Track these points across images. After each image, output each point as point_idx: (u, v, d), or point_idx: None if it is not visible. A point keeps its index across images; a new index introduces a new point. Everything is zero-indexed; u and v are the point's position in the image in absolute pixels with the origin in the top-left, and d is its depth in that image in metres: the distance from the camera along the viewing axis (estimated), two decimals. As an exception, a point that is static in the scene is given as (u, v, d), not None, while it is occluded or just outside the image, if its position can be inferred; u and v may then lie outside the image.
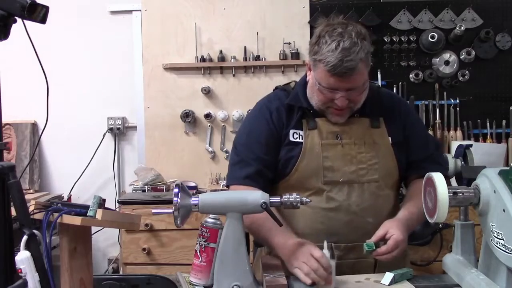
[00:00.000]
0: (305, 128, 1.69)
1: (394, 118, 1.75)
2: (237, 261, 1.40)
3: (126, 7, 3.53)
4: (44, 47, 1.66)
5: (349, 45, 1.52)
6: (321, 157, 1.66)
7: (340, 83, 1.57)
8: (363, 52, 1.54)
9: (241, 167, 1.71)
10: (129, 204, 3.02)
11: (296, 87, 1.77)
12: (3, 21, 1.22)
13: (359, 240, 1.60)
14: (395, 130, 1.73)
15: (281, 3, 3.45)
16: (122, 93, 3.57)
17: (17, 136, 3.53)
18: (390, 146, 1.71)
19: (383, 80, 3.38)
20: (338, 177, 1.66)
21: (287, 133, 1.70)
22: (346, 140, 1.68)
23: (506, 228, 1.23)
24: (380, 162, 1.68)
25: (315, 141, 1.68)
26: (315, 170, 1.66)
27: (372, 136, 1.70)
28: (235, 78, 3.47)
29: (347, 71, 1.53)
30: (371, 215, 1.66)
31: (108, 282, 1.59)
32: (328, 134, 1.69)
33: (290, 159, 1.68)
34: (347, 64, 1.52)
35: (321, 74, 1.58)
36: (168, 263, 2.97)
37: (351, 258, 1.64)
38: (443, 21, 3.41)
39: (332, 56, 1.52)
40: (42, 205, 1.39)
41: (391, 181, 1.72)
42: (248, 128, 1.78)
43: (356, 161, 1.67)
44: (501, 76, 3.43)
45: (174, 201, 1.38)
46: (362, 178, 1.67)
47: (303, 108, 1.71)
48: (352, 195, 1.66)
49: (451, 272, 1.53)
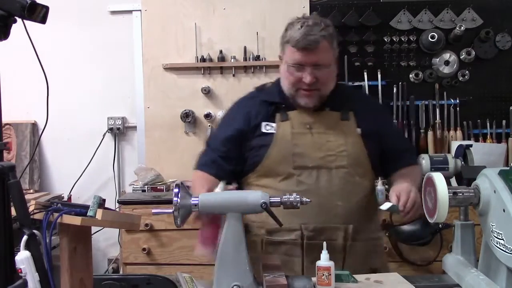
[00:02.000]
0: (278, 120, 1.81)
1: (364, 112, 1.86)
2: (237, 261, 1.40)
3: (126, 7, 3.52)
4: (44, 47, 1.66)
5: (312, 24, 1.71)
6: (291, 144, 1.77)
7: (305, 57, 1.71)
8: (325, 32, 1.71)
9: (202, 156, 1.90)
10: (129, 204, 3.02)
11: (271, 85, 1.93)
12: (3, 21, 1.22)
13: (328, 223, 1.73)
14: (364, 122, 1.83)
15: (281, 3, 3.45)
16: (122, 93, 3.57)
17: (17, 136, 3.53)
18: (359, 136, 1.81)
19: (383, 80, 3.38)
20: (308, 162, 1.76)
21: (258, 126, 1.81)
22: (316, 129, 1.80)
23: (506, 228, 1.23)
24: (349, 150, 1.78)
25: (286, 130, 1.79)
26: (286, 156, 1.76)
27: (341, 127, 1.82)
28: (235, 78, 3.47)
29: (310, 43, 1.69)
30: (340, 199, 1.76)
31: (108, 282, 1.59)
32: (300, 124, 1.80)
33: (262, 147, 1.79)
34: (310, 37, 1.68)
35: (289, 53, 1.74)
36: (168, 263, 2.97)
37: (320, 239, 1.71)
38: (443, 21, 3.41)
39: (297, 33, 1.70)
40: (42, 205, 1.39)
41: (361, 169, 1.81)
42: (220, 123, 2.03)
43: (325, 148, 1.78)
44: (501, 76, 3.43)
45: (174, 201, 1.38)
46: (330, 164, 1.76)
47: (276, 103, 1.84)
48: (321, 180, 1.75)
49: (451, 272, 1.53)
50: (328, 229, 1.73)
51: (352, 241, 1.75)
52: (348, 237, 1.75)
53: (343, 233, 1.74)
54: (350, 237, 1.75)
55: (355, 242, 1.75)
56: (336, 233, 1.74)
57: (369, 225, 1.82)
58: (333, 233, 1.73)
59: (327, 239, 1.69)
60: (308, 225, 1.73)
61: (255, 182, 1.81)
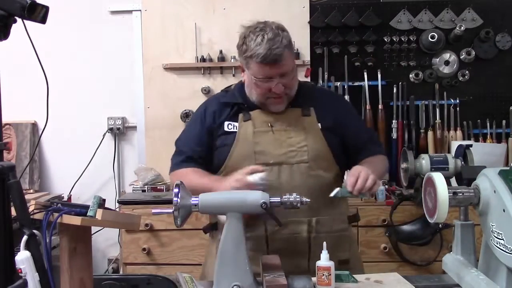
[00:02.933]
0: (240, 120, 1.85)
1: (325, 107, 1.89)
2: (237, 261, 1.40)
3: (126, 7, 3.53)
4: (44, 47, 1.66)
5: (273, 35, 1.71)
6: (253, 143, 1.81)
7: (272, 70, 1.73)
8: (285, 40, 1.74)
9: (176, 156, 1.92)
10: (129, 204, 3.02)
11: (234, 87, 1.97)
12: (3, 21, 1.22)
13: (291, 216, 1.75)
14: (324, 117, 1.86)
15: (281, 3, 3.45)
16: (122, 93, 3.57)
17: (17, 136, 3.53)
18: (319, 131, 1.84)
19: (383, 80, 3.38)
20: (269, 159, 1.79)
21: (221, 125, 1.86)
22: (277, 127, 1.83)
23: (506, 228, 1.23)
24: (309, 145, 1.81)
25: (248, 130, 1.83)
26: (248, 155, 1.80)
27: (302, 123, 1.85)
28: (235, 78, 3.47)
29: (277, 57, 1.70)
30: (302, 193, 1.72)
31: (108, 282, 1.59)
32: (262, 123, 1.84)
33: (224, 146, 1.83)
34: (275, 51, 1.70)
35: (255, 67, 1.75)
36: (168, 263, 2.97)
37: (285, 233, 1.77)
38: (443, 21, 3.41)
39: (261, 48, 1.70)
40: (42, 205, 1.39)
41: (323, 163, 1.83)
42: (186, 126, 2.05)
43: (286, 144, 1.81)
44: (501, 76, 3.43)
45: (174, 201, 1.39)
46: (291, 159, 1.80)
47: (239, 104, 1.87)
48: (282, 175, 1.78)
49: (451, 272, 1.53)
50: (291, 222, 1.76)
51: (316, 233, 1.78)
52: (312, 230, 1.78)
53: (306, 226, 1.78)
54: (314, 230, 1.78)
55: (319, 234, 1.77)
56: (300, 227, 1.78)
57: (333, 217, 1.84)
58: (296, 226, 1.77)
59: (291, 232, 1.77)
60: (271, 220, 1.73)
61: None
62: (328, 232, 1.79)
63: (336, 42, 3.40)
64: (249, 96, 1.86)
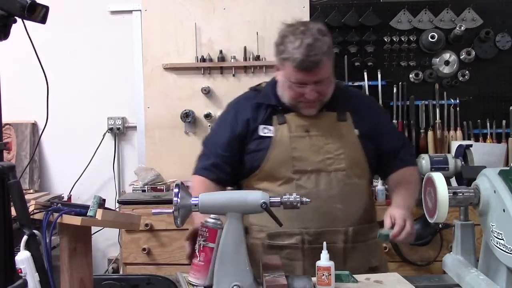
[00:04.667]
0: (275, 123, 1.79)
1: (361, 112, 1.84)
2: (237, 261, 1.40)
3: (126, 7, 3.53)
4: (44, 47, 1.66)
5: (312, 41, 1.64)
6: (290, 148, 1.75)
7: (308, 77, 1.67)
8: (325, 46, 1.66)
9: (202, 159, 1.87)
10: (129, 204, 3.02)
11: (266, 87, 1.89)
12: (3, 21, 1.22)
13: (328, 226, 1.72)
14: (361, 123, 1.81)
15: (281, 3, 3.44)
16: (122, 93, 3.57)
17: (17, 136, 3.53)
18: (356, 138, 1.79)
19: (383, 80, 3.38)
20: (307, 166, 1.74)
21: (255, 129, 1.79)
22: (314, 132, 1.78)
23: (506, 228, 1.23)
24: (347, 152, 1.77)
25: (284, 134, 1.77)
26: (285, 160, 1.75)
27: (339, 128, 1.80)
28: (235, 78, 3.47)
29: (313, 64, 1.64)
30: (339, 202, 1.75)
31: (108, 282, 1.59)
32: (297, 127, 1.78)
33: (259, 151, 1.77)
34: (312, 58, 1.63)
35: (289, 71, 1.68)
36: (168, 263, 2.97)
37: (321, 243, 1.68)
38: (443, 21, 3.41)
39: (298, 53, 1.64)
40: (42, 205, 1.39)
41: (359, 170, 1.80)
42: (216, 126, 1.96)
43: (323, 151, 1.76)
44: (501, 76, 3.43)
45: (174, 201, 1.38)
46: (329, 167, 1.75)
47: (273, 105, 1.81)
48: (320, 183, 1.74)
49: (451, 272, 1.53)
50: (328, 232, 1.72)
51: (352, 243, 1.75)
52: (348, 239, 1.74)
53: (343, 236, 1.74)
54: (350, 240, 1.74)
55: (355, 244, 1.75)
56: (336, 236, 1.73)
57: (368, 225, 1.81)
58: (333, 236, 1.72)
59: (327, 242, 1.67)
60: (308, 230, 1.72)
61: (255, 185, 1.80)
62: (364, 241, 1.77)
63: (336, 42, 3.39)
64: (280, 96, 1.79)
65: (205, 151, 1.88)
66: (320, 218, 1.73)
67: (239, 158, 1.81)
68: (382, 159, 1.85)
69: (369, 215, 1.84)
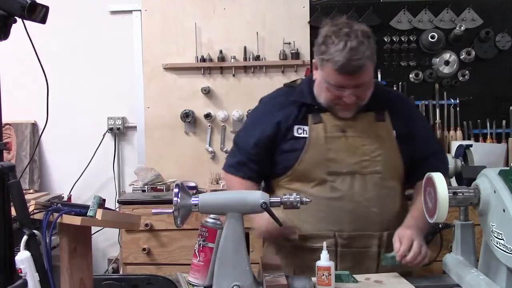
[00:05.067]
0: (310, 123, 1.73)
1: (398, 112, 1.78)
2: (237, 261, 1.40)
3: (126, 7, 3.52)
4: (44, 47, 1.66)
5: (356, 44, 1.57)
6: (325, 149, 1.70)
7: (348, 81, 1.61)
8: (369, 50, 1.60)
9: (231, 156, 1.86)
10: (129, 204, 3.02)
11: (302, 84, 1.82)
12: (3, 21, 1.22)
13: (362, 230, 1.68)
14: (399, 124, 1.76)
15: (281, 3, 3.44)
16: (122, 93, 3.57)
17: (17, 136, 3.53)
18: (394, 139, 1.74)
19: (383, 80, 3.38)
20: (342, 168, 1.69)
21: (290, 128, 1.74)
22: (350, 133, 1.72)
23: (506, 228, 1.23)
24: (384, 154, 1.72)
25: (319, 134, 1.72)
26: (319, 161, 1.70)
27: (376, 129, 1.74)
28: (235, 78, 3.47)
29: (355, 69, 1.58)
30: (375, 205, 1.70)
31: (108, 282, 1.59)
32: (333, 127, 1.73)
33: (294, 151, 1.72)
34: (355, 63, 1.57)
35: (329, 72, 1.62)
36: (168, 263, 2.97)
37: (354, 247, 1.67)
38: (443, 21, 3.41)
39: (340, 56, 1.57)
40: (42, 205, 1.39)
41: (395, 173, 1.75)
42: (249, 122, 1.91)
43: (359, 152, 1.71)
44: (501, 76, 3.43)
45: (174, 201, 1.38)
46: (365, 169, 1.70)
47: (308, 104, 1.75)
48: (355, 186, 1.69)
49: (451, 272, 1.53)
50: (363, 236, 1.68)
51: (386, 247, 1.69)
52: (382, 244, 1.69)
53: (377, 241, 1.69)
54: (384, 244, 1.69)
55: (389, 248, 1.67)
56: (371, 241, 1.69)
57: None
58: (367, 240, 1.69)
59: (361, 246, 1.67)
60: (342, 233, 1.68)
61: (286, 185, 1.76)
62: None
63: (336, 42, 3.39)
64: (316, 96, 1.73)
65: (234, 148, 1.87)
66: (354, 221, 1.68)
67: (268, 158, 1.78)
68: (412, 163, 1.78)
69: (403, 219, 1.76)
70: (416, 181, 1.80)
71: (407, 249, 1.55)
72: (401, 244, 1.57)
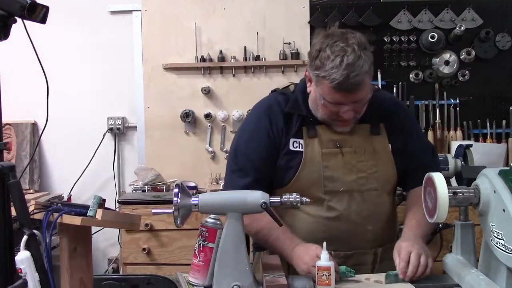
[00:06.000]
0: (305, 136, 1.68)
1: (394, 122, 1.74)
2: (237, 261, 1.40)
3: (126, 7, 3.52)
4: (44, 47, 1.66)
5: (353, 59, 1.50)
6: (322, 167, 1.66)
7: (346, 98, 1.56)
8: (366, 64, 1.52)
9: (240, 176, 1.71)
10: (129, 204, 3.02)
11: (295, 93, 1.74)
12: (3, 21, 1.22)
13: (357, 248, 1.68)
14: (394, 136, 1.72)
15: (281, 3, 3.45)
16: (122, 93, 3.57)
17: (17, 136, 3.53)
18: (390, 153, 1.71)
19: (383, 80, 3.38)
20: (338, 186, 1.66)
21: (286, 142, 1.69)
22: (346, 148, 1.68)
23: (506, 228, 1.23)
24: (380, 170, 1.69)
25: (315, 150, 1.67)
26: (316, 180, 1.66)
27: (372, 144, 1.70)
28: (235, 78, 3.47)
29: (353, 87, 1.52)
30: (370, 223, 1.69)
31: (108, 282, 1.59)
32: (329, 142, 1.68)
33: (289, 168, 1.67)
34: (353, 80, 1.50)
35: (326, 90, 1.56)
36: (168, 263, 2.97)
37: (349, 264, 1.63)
38: (443, 21, 3.41)
39: (337, 73, 1.49)
40: (42, 205, 1.39)
41: (389, 187, 1.75)
42: (249, 136, 1.75)
43: (356, 170, 1.67)
44: (501, 76, 3.43)
45: (174, 201, 1.38)
46: (362, 187, 1.68)
47: (303, 116, 1.70)
48: (352, 204, 1.67)
49: (451, 272, 1.53)
50: (358, 254, 1.68)
51: (380, 263, 1.71)
52: (377, 259, 1.71)
53: (372, 257, 1.71)
54: (378, 260, 1.71)
55: (382, 263, 1.70)
56: (365, 257, 1.70)
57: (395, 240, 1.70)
58: (362, 257, 1.69)
59: (356, 263, 1.65)
60: (338, 252, 1.64)
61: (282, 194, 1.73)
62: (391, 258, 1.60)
63: (336, 42, 3.39)
64: (312, 110, 1.67)
65: (241, 166, 1.72)
66: (350, 240, 1.68)
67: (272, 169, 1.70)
68: (406, 172, 1.76)
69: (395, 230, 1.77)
70: (409, 189, 1.80)
71: (406, 264, 1.50)
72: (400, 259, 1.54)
